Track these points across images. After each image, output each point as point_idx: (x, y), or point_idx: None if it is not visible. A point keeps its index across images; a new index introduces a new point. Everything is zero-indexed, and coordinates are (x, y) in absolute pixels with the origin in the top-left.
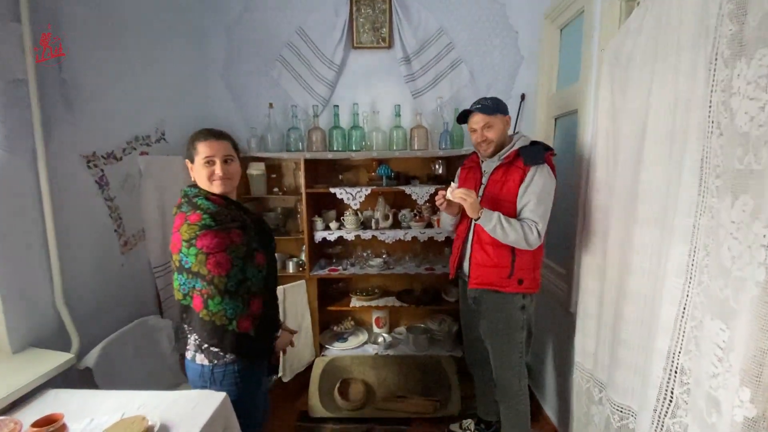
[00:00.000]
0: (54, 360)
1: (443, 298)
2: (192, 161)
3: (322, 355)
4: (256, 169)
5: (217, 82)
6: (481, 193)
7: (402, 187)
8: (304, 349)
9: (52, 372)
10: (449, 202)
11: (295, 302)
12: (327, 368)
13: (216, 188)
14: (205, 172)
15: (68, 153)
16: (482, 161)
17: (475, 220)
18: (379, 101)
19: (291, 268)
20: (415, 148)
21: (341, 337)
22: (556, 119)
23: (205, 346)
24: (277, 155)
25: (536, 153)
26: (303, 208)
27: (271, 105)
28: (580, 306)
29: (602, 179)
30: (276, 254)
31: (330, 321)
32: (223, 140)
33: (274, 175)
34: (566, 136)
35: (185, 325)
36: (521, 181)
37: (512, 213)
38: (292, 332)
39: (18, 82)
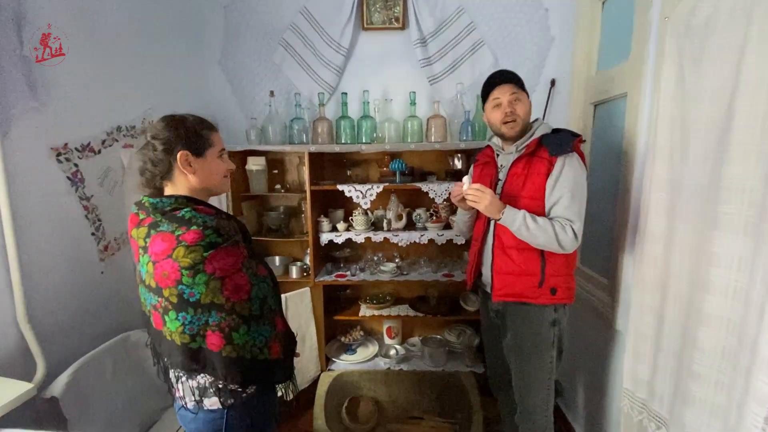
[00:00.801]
0: (7, 392)
1: (462, 307)
2: (199, 154)
3: (329, 370)
4: (255, 164)
5: (214, 67)
6: (498, 191)
7: (417, 184)
8: (309, 362)
9: (6, 407)
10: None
11: (298, 312)
12: (334, 384)
13: (226, 186)
14: (221, 167)
15: (32, 145)
16: (497, 154)
17: (496, 221)
18: (391, 88)
19: (294, 273)
20: (432, 139)
21: (349, 349)
22: (595, 105)
23: (222, 385)
24: (279, 148)
25: (563, 141)
26: (307, 206)
27: (272, 93)
28: (631, 324)
29: (664, 175)
30: (278, 257)
31: (337, 330)
32: None
33: (275, 171)
34: (608, 125)
35: (195, 372)
36: (548, 174)
37: (539, 213)
38: None
39: None
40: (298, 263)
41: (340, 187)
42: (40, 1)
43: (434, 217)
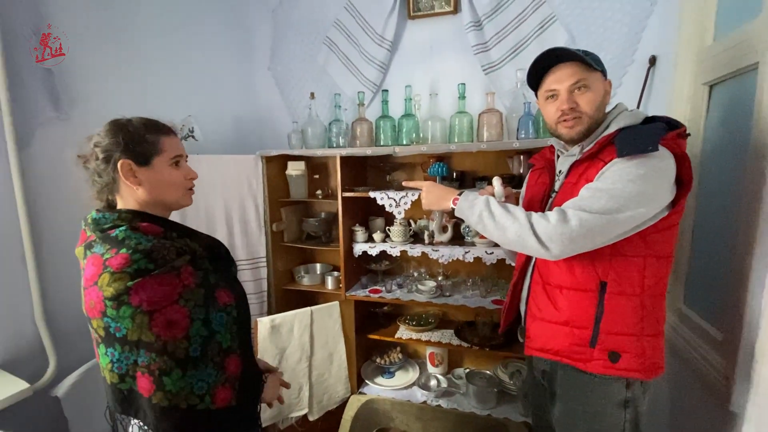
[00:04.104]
0: (6, 390)
1: (519, 341)
2: (143, 162)
3: (360, 392)
4: (295, 169)
5: (263, 72)
6: (549, 208)
7: None
8: (337, 383)
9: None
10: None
11: (325, 327)
12: (362, 410)
13: (189, 199)
14: (176, 176)
15: (57, 152)
16: (558, 156)
17: (454, 215)
18: (439, 82)
19: (330, 283)
20: (485, 138)
21: (387, 372)
22: (710, 86)
23: None
24: (311, 152)
25: (643, 136)
26: (339, 214)
27: (312, 95)
28: (755, 407)
29: None
30: (319, 265)
31: (373, 350)
32: (178, 136)
33: (317, 176)
34: (730, 110)
35: (128, 417)
36: None
37: None
38: (272, 370)
39: None
40: (336, 273)
41: (372, 195)
42: (66, 13)
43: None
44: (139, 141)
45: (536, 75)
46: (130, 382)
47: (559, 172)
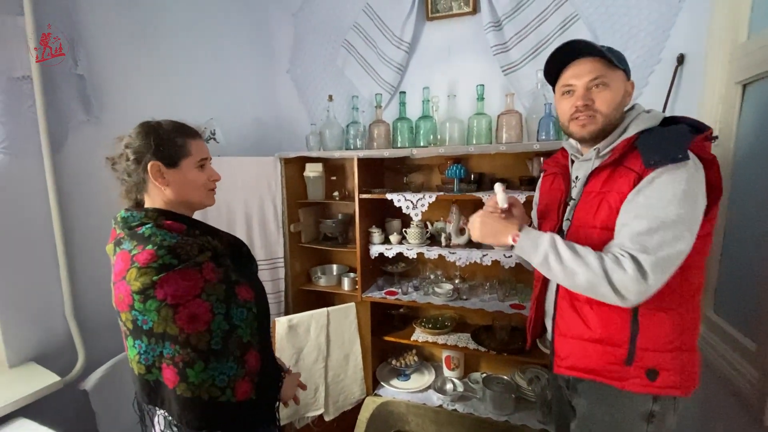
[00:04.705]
0: (38, 382)
1: (538, 347)
2: (171, 164)
3: (375, 394)
4: (312, 171)
5: (282, 76)
6: (568, 216)
7: (478, 194)
8: (352, 384)
9: (27, 398)
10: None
11: (341, 329)
12: (378, 412)
13: (212, 199)
14: (201, 177)
15: (88, 154)
16: (572, 161)
17: (510, 251)
18: (457, 84)
19: (346, 284)
20: (504, 139)
21: (402, 374)
22: (744, 86)
23: (177, 427)
24: (328, 154)
25: (669, 141)
26: (356, 216)
27: (330, 97)
28: None
29: None
30: (335, 266)
31: (388, 352)
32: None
33: (334, 177)
34: (766, 111)
35: (155, 408)
36: (633, 188)
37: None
38: (287, 372)
39: (22, 80)
40: (352, 274)
41: (389, 196)
42: (97, 22)
43: None
44: (168, 144)
45: (555, 69)
46: (156, 374)
47: (576, 178)
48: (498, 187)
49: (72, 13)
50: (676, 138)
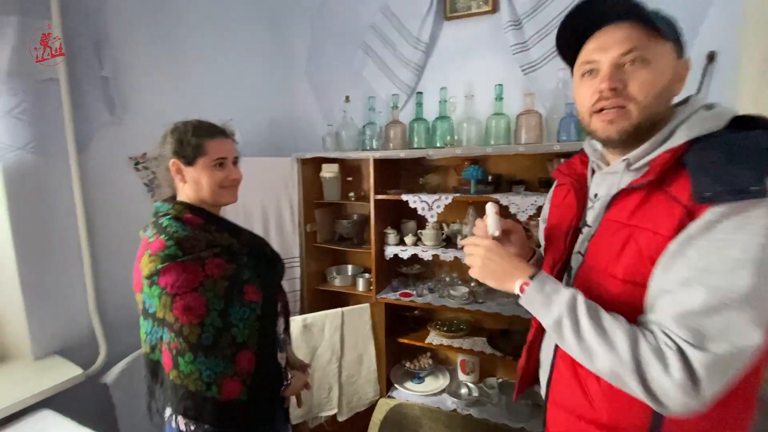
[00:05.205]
0: (61, 375)
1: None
2: (189, 162)
3: (389, 396)
4: (328, 171)
5: (300, 77)
6: (580, 249)
7: (495, 195)
8: (366, 385)
9: (51, 390)
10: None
11: (355, 329)
12: (391, 414)
13: (227, 197)
14: (216, 176)
15: (111, 154)
16: (591, 169)
17: (517, 299)
18: (475, 84)
19: (361, 285)
20: (523, 140)
21: (417, 377)
22: None
23: (171, 412)
24: (345, 155)
25: (742, 157)
26: (371, 216)
27: (347, 98)
28: None
29: None
30: (350, 266)
31: (402, 354)
32: (230, 138)
33: (350, 178)
34: None
35: (155, 385)
36: (678, 231)
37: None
38: (304, 368)
39: (48, 82)
40: (367, 275)
41: (404, 197)
42: (121, 26)
43: None
44: (186, 143)
45: (574, 41)
46: (158, 355)
47: (594, 196)
48: (490, 208)
49: (97, 17)
50: (752, 155)
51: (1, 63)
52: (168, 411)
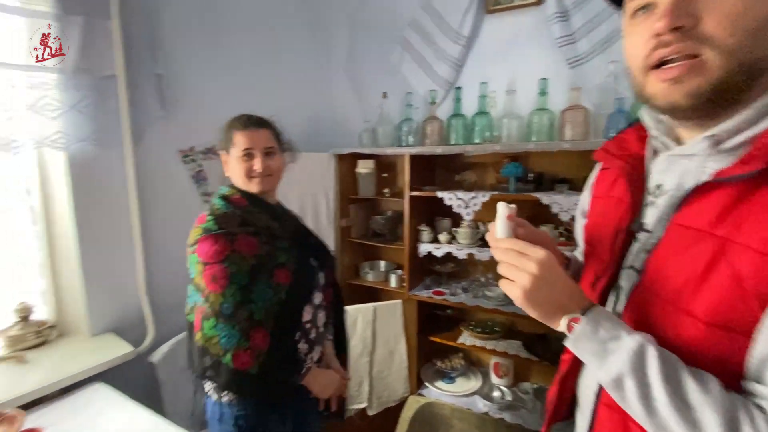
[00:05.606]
0: (114, 352)
1: None
2: (228, 152)
3: (419, 393)
4: (364, 167)
5: (339, 74)
6: (637, 263)
7: (536, 194)
8: (396, 381)
9: (105, 365)
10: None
11: (387, 325)
12: (421, 412)
13: (255, 186)
14: (242, 167)
15: (162, 147)
16: (655, 151)
17: (564, 342)
18: (517, 79)
19: (393, 281)
20: (568, 137)
21: (447, 377)
22: None
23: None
24: (380, 151)
25: None
26: (405, 213)
27: (384, 95)
28: None
29: None
30: (383, 262)
31: (434, 352)
32: (263, 129)
33: (385, 174)
34: None
35: (191, 343)
36: None
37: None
38: (341, 373)
39: (109, 78)
40: (399, 272)
41: (440, 195)
42: (174, 26)
43: (563, 238)
44: (225, 134)
45: None
46: (192, 317)
47: (657, 187)
48: (502, 208)
49: (153, 18)
50: None
51: (67, 60)
52: (208, 385)
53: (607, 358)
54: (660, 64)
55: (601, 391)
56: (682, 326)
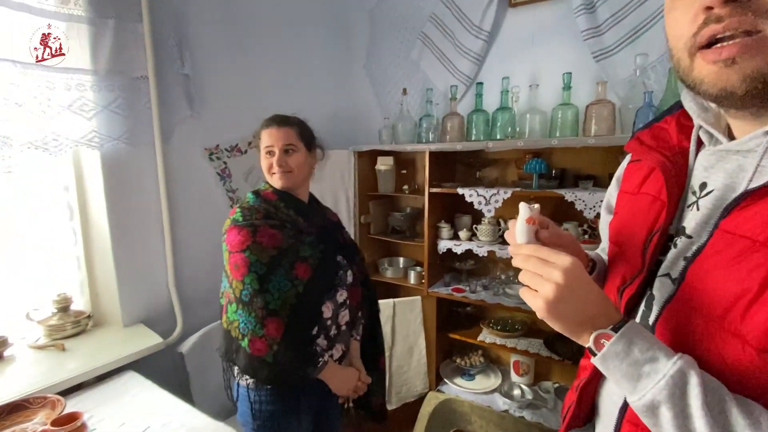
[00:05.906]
0: (144, 342)
1: None
2: (259, 149)
3: (438, 390)
4: (383, 164)
5: (359, 71)
6: (674, 272)
7: (560, 191)
8: (415, 377)
9: (136, 355)
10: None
11: (406, 321)
12: (440, 408)
13: (276, 182)
14: (265, 163)
15: (190, 145)
16: (697, 141)
17: (592, 358)
18: (539, 72)
19: (412, 278)
20: (593, 132)
21: (467, 374)
22: None
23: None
24: (401, 147)
25: None
26: (425, 210)
27: (404, 91)
28: None
29: None
30: (402, 259)
31: (453, 349)
32: (286, 127)
33: (404, 171)
34: None
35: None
36: None
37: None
38: (360, 371)
39: (140, 79)
40: (418, 268)
41: (460, 191)
42: (200, 27)
43: (587, 236)
44: (256, 134)
45: None
46: (223, 301)
47: (701, 187)
48: (523, 209)
49: (180, 19)
50: None
51: (100, 62)
52: (236, 369)
53: (641, 381)
54: (710, 44)
55: (626, 407)
56: (728, 349)
